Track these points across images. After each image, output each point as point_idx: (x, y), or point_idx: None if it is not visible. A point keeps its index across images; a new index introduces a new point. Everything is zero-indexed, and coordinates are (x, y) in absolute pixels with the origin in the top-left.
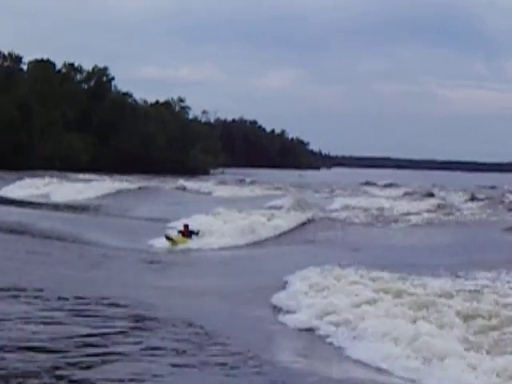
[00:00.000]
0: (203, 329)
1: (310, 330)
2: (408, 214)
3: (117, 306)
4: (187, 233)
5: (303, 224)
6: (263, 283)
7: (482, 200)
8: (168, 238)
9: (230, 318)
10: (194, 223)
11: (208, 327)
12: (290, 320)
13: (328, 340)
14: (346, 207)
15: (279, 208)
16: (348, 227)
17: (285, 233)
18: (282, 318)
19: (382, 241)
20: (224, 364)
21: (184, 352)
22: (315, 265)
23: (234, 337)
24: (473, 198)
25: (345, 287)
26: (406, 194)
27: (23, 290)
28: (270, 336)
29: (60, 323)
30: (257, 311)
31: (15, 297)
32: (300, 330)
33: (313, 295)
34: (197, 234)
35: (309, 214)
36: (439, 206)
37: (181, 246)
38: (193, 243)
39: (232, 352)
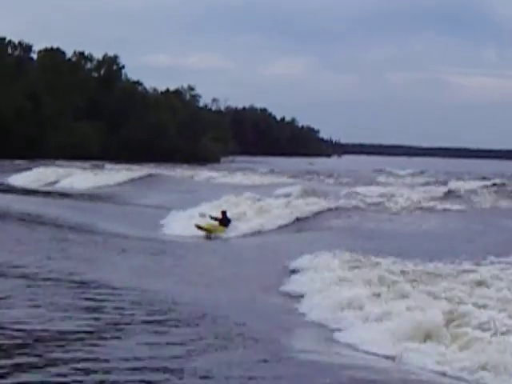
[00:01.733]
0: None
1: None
2: (419, 201)
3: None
4: (225, 220)
5: (312, 213)
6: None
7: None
8: (199, 227)
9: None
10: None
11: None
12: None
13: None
14: (354, 195)
15: (287, 196)
16: (355, 215)
17: (296, 220)
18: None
19: (391, 229)
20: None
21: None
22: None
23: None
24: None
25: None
26: (416, 180)
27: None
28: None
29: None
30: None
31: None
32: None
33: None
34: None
35: (318, 203)
36: (452, 194)
37: (217, 235)
38: (230, 232)
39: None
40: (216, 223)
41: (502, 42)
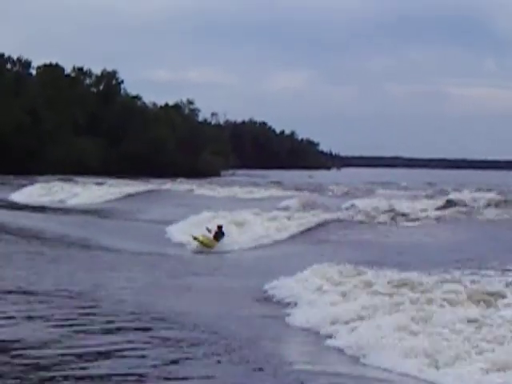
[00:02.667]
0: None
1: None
2: (418, 212)
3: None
4: (219, 235)
5: (312, 226)
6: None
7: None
8: (195, 238)
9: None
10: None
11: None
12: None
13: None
14: (353, 207)
15: (288, 209)
16: (354, 227)
17: (294, 235)
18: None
19: (386, 240)
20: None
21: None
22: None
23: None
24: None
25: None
26: (416, 192)
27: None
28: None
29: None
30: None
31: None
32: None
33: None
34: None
35: (317, 216)
36: (452, 204)
37: (208, 249)
38: (222, 246)
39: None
40: (210, 236)
41: (502, 53)
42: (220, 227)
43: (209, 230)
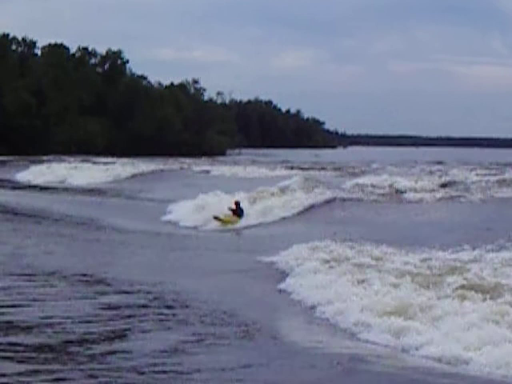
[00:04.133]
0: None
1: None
2: (421, 191)
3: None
4: (239, 211)
5: (317, 203)
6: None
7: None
8: (217, 218)
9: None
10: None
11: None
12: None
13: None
14: (357, 186)
15: (291, 187)
16: (356, 206)
17: (297, 213)
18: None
19: (386, 218)
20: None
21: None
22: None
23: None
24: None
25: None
26: (420, 171)
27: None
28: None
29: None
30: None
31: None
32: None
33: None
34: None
35: (320, 194)
36: (454, 183)
37: (232, 226)
38: (244, 222)
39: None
40: (231, 214)
41: (508, 31)
42: (237, 203)
43: (230, 209)
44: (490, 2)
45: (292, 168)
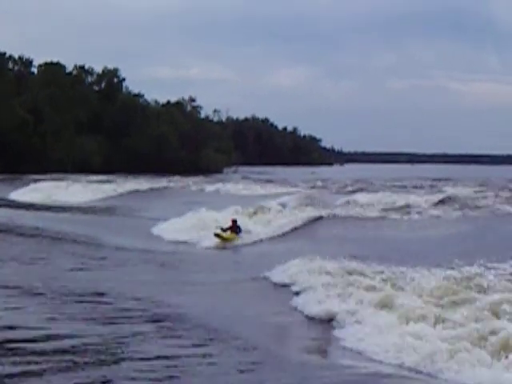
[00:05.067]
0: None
1: None
2: (417, 207)
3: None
4: (236, 228)
5: (310, 221)
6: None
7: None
8: (217, 235)
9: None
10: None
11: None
12: None
13: None
14: (353, 203)
15: (288, 205)
16: (352, 223)
17: (292, 230)
18: None
19: (383, 236)
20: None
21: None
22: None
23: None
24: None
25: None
26: (415, 187)
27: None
28: None
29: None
30: None
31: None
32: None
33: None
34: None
35: (316, 212)
36: (450, 199)
37: (231, 243)
38: (242, 239)
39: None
40: (228, 232)
41: (504, 48)
42: (234, 221)
43: (224, 230)
44: (487, 19)
45: (288, 186)
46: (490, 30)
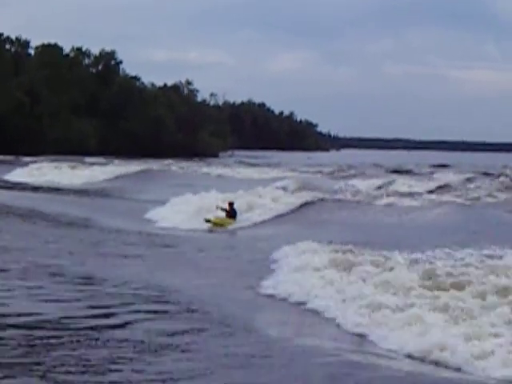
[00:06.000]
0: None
1: None
2: (412, 194)
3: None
4: (232, 212)
5: (304, 205)
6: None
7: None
8: (208, 220)
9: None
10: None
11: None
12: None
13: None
14: (349, 188)
15: (284, 189)
16: (347, 207)
17: (285, 214)
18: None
19: (377, 220)
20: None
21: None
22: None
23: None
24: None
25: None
26: (411, 173)
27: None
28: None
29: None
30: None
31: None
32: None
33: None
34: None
35: (310, 196)
36: (443, 186)
37: (226, 228)
38: (237, 223)
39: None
40: (223, 216)
41: (502, 35)
42: (231, 204)
43: (222, 209)
44: (485, 7)
45: (284, 170)
46: (489, 19)
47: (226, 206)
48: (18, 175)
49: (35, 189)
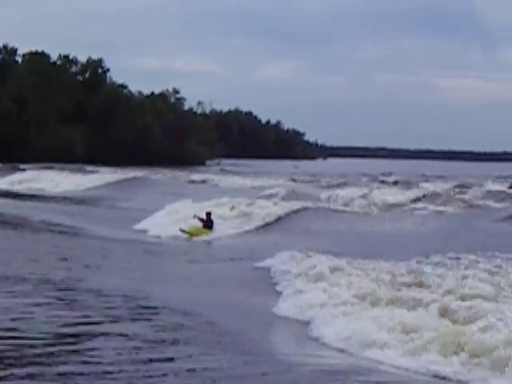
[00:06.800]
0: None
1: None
2: (395, 203)
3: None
4: (209, 222)
5: (290, 213)
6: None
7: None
8: (183, 231)
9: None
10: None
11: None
12: None
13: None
14: (334, 197)
15: (271, 198)
16: (331, 216)
17: (272, 222)
18: None
19: (362, 229)
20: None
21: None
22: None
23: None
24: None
25: None
26: (396, 183)
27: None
28: None
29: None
30: None
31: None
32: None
33: None
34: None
35: (297, 204)
36: (428, 195)
37: (200, 238)
38: (214, 233)
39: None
40: (200, 226)
41: (490, 45)
42: (209, 214)
43: (199, 219)
44: (473, 17)
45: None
46: (477, 27)
47: (204, 216)
48: (4, 183)
49: (19, 196)
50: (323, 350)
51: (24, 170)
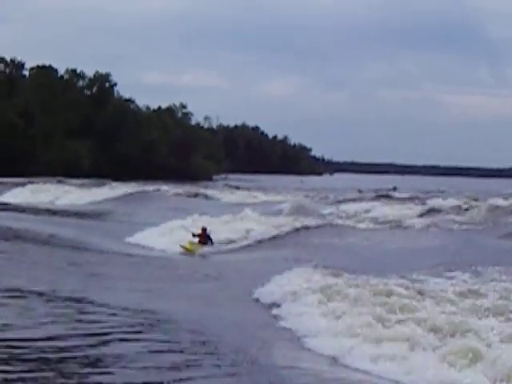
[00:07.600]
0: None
1: None
2: (401, 218)
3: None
4: (205, 238)
5: (297, 229)
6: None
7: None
8: (182, 247)
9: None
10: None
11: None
12: None
13: None
14: (340, 212)
15: (279, 213)
16: (338, 232)
17: (278, 237)
18: None
19: (366, 245)
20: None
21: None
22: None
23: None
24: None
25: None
26: (400, 199)
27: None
28: None
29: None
30: None
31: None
32: None
33: None
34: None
35: (304, 220)
36: (432, 211)
37: (195, 253)
38: (209, 249)
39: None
40: (196, 241)
41: (496, 61)
42: (204, 229)
43: (194, 235)
44: (478, 33)
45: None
46: (482, 43)
47: (199, 232)
48: (11, 196)
49: (24, 210)
50: None
51: (29, 183)
